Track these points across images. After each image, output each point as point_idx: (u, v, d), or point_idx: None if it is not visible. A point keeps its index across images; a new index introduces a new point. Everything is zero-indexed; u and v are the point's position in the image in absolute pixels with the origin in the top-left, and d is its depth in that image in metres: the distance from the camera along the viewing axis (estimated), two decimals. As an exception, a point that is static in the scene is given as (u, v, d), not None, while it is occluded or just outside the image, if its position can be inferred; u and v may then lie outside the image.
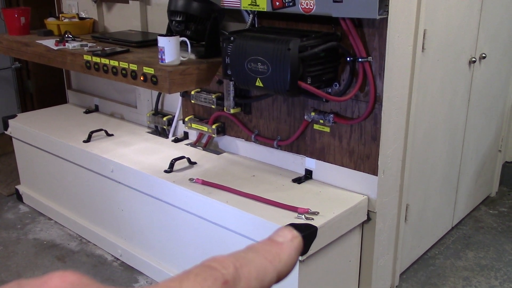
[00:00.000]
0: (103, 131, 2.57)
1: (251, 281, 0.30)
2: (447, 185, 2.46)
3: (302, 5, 1.71)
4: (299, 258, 1.66)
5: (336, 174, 1.97)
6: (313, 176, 2.05)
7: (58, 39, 2.43)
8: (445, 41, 2.08)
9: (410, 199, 2.13)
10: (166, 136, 2.54)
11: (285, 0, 1.75)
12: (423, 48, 1.91)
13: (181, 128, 2.50)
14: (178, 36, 1.97)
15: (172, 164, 2.13)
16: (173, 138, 2.51)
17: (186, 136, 2.51)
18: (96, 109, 3.01)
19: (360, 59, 1.75)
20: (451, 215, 2.59)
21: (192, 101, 2.32)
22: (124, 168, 2.22)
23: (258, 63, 1.71)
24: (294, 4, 1.73)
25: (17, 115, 2.94)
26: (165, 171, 2.12)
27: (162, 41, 1.94)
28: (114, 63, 2.08)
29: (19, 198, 3.00)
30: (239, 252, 0.32)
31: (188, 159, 2.19)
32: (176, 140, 2.48)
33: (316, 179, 2.05)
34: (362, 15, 1.63)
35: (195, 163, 2.20)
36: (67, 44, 2.37)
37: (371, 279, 2.00)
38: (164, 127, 2.54)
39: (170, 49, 1.94)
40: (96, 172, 2.38)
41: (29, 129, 2.73)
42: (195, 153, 2.32)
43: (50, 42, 2.44)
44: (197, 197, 1.93)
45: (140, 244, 2.32)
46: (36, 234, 2.66)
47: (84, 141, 2.48)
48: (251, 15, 1.98)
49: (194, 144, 2.43)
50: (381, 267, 2.04)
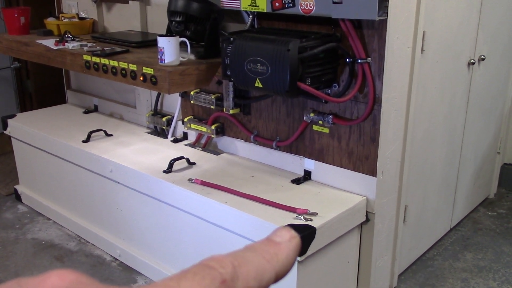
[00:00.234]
0: (102, 131, 2.57)
1: (249, 281, 0.31)
2: (445, 187, 2.46)
3: (302, 6, 1.71)
4: (298, 258, 1.66)
5: (335, 175, 1.98)
6: (312, 177, 2.05)
7: (58, 39, 2.43)
8: (444, 43, 2.08)
9: (408, 200, 2.13)
10: (165, 137, 2.54)
11: (284, 1, 1.75)
12: (422, 49, 1.91)
13: (180, 129, 2.50)
14: (177, 37, 1.97)
15: (171, 165, 2.13)
16: (172, 138, 2.51)
17: (185, 136, 2.51)
18: (95, 109, 3.01)
19: (359, 60, 1.75)
20: (450, 217, 2.60)
21: (192, 102, 2.32)
22: (123, 168, 2.22)
23: (258, 64, 1.71)
24: (293, 5, 1.73)
25: (16, 115, 2.94)
26: (164, 172, 2.12)
27: (162, 42, 1.94)
28: (114, 63, 2.08)
29: (18, 198, 2.99)
30: (237, 251, 0.32)
31: (187, 160, 2.19)
32: (175, 141, 2.49)
33: (315, 180, 2.05)
34: (361, 16, 1.63)
35: (194, 163, 2.21)
36: (66, 44, 2.38)
37: (369, 280, 2.01)
38: (163, 127, 2.55)
39: (169, 50, 1.94)
40: (95, 172, 2.38)
41: (28, 129, 2.72)
42: (194, 154, 2.32)
43: (49, 42, 2.44)
44: (196, 197, 1.93)
45: (139, 244, 2.32)
46: (35, 234, 2.66)
47: (83, 141, 2.48)
48: (251, 16, 1.99)
49: (193, 145, 2.43)
50: (379, 268, 2.05)
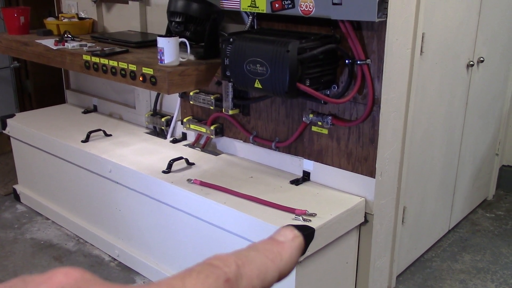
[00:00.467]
0: (101, 131, 2.57)
1: (253, 279, 0.31)
2: (444, 188, 2.46)
3: (301, 7, 1.72)
4: (297, 259, 1.66)
5: (334, 176, 1.98)
6: (311, 178, 2.06)
7: (58, 39, 2.43)
8: (443, 45, 2.09)
9: (407, 202, 2.14)
10: (165, 137, 2.54)
11: (284, 2, 1.75)
12: (421, 51, 1.92)
13: (180, 129, 2.50)
14: (177, 37, 1.97)
15: (170, 165, 2.13)
16: (171, 138, 2.51)
17: (184, 137, 2.51)
18: (94, 109, 3.01)
19: (358, 62, 1.75)
20: (448, 218, 2.60)
21: (191, 102, 2.32)
22: (122, 168, 2.22)
23: (257, 65, 1.72)
24: (293, 6, 1.74)
25: (15, 115, 2.94)
26: (163, 172, 2.12)
27: (162, 42, 1.94)
28: (113, 63, 2.08)
29: (17, 197, 2.99)
30: (241, 250, 0.32)
31: (186, 160, 2.19)
32: (175, 141, 2.49)
33: (313, 181, 2.05)
34: (361, 18, 1.64)
35: (193, 164, 2.21)
36: (66, 44, 2.37)
37: (368, 281, 2.01)
38: (163, 127, 2.55)
39: (169, 50, 1.94)
40: (94, 172, 2.38)
41: (27, 129, 2.72)
42: (193, 154, 2.32)
43: (49, 42, 2.44)
44: (195, 198, 1.94)
45: (138, 244, 2.32)
46: (34, 234, 2.66)
47: (82, 141, 2.48)
48: (251, 17, 1.99)
49: (192, 145, 2.43)
50: (378, 269, 2.05)
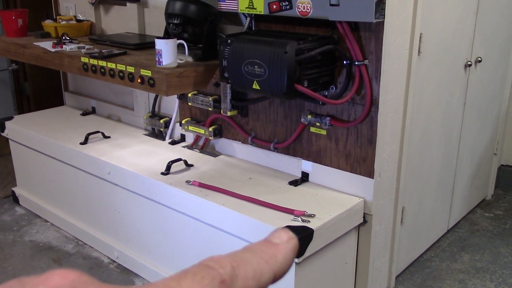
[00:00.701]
0: (100, 133, 2.57)
1: (248, 281, 0.31)
2: (443, 188, 2.47)
3: (299, 8, 1.72)
4: (295, 260, 1.66)
5: (333, 177, 1.98)
6: (309, 179, 2.06)
7: (56, 41, 2.43)
8: (441, 45, 2.09)
9: (406, 202, 2.14)
10: (163, 139, 2.54)
11: (282, 3, 1.76)
12: (419, 51, 1.92)
13: (178, 131, 2.50)
14: (175, 39, 1.97)
15: (169, 167, 2.13)
16: (170, 140, 2.51)
17: (183, 138, 2.51)
18: (93, 111, 3.01)
19: (356, 62, 1.75)
20: (447, 218, 2.60)
21: (189, 104, 2.32)
22: (120, 170, 2.22)
23: (255, 66, 1.72)
24: (291, 7, 1.74)
25: (13, 117, 2.94)
26: (162, 173, 2.12)
27: (160, 44, 1.94)
28: (112, 65, 2.08)
29: (16, 200, 2.99)
30: (236, 252, 0.33)
31: (185, 162, 2.19)
32: (173, 143, 2.49)
33: (312, 182, 2.05)
34: (358, 19, 1.64)
35: (192, 165, 2.21)
36: (64, 46, 2.38)
37: (367, 281, 2.01)
38: (161, 129, 2.55)
39: (167, 52, 1.94)
40: (93, 174, 2.38)
41: (25, 131, 2.72)
42: (192, 156, 2.32)
43: (47, 44, 2.44)
44: (194, 199, 1.94)
45: (137, 246, 2.32)
46: (32, 236, 2.66)
47: (81, 143, 2.48)
48: (248, 18, 1.99)
49: (191, 147, 2.43)
50: (377, 269, 2.05)
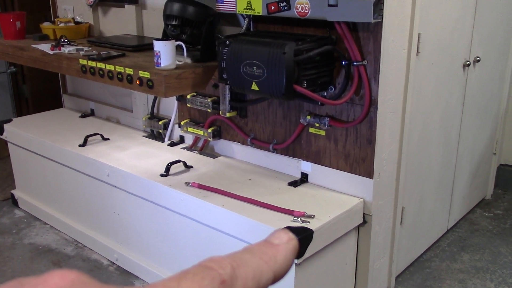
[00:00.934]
0: (99, 135, 2.57)
1: (247, 281, 0.31)
2: (442, 188, 2.47)
3: (297, 9, 1.72)
4: (295, 261, 1.66)
5: (332, 177, 1.98)
6: (309, 179, 2.06)
7: (54, 44, 2.43)
8: (439, 45, 2.09)
9: (405, 202, 2.14)
10: (162, 140, 2.54)
11: (280, 4, 1.76)
12: (417, 51, 1.92)
13: (177, 132, 2.50)
14: (173, 40, 1.97)
15: (168, 168, 2.13)
16: (169, 142, 2.51)
17: (182, 140, 2.51)
18: (91, 113, 3.01)
19: (355, 63, 1.75)
20: (447, 218, 2.60)
21: (188, 105, 2.32)
22: (120, 172, 2.22)
23: (254, 67, 1.72)
24: (289, 8, 1.74)
25: (12, 120, 2.93)
26: (161, 175, 2.12)
27: (158, 45, 1.94)
28: (110, 67, 2.08)
29: (15, 202, 2.99)
30: (236, 253, 0.32)
31: (184, 163, 2.19)
32: (172, 144, 2.49)
33: (312, 182, 2.05)
34: (357, 19, 1.64)
35: (191, 167, 2.21)
36: (62, 48, 2.37)
37: (367, 282, 2.01)
38: (160, 131, 2.55)
39: (165, 53, 1.94)
40: (92, 176, 2.38)
41: (24, 134, 2.72)
42: (191, 157, 2.32)
43: (45, 47, 2.44)
44: (193, 200, 1.93)
45: (136, 248, 2.32)
46: (32, 239, 2.65)
47: (79, 145, 2.47)
48: (247, 19, 1.99)
49: (190, 148, 2.43)
50: (377, 270, 2.05)
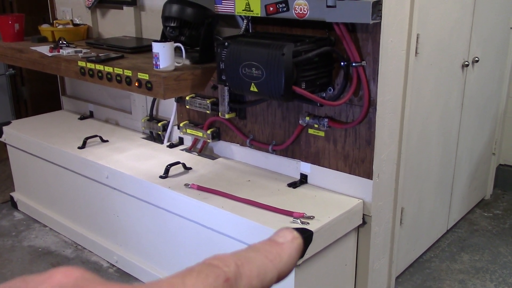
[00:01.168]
0: (98, 137, 2.56)
1: (252, 279, 0.31)
2: (441, 188, 2.47)
3: (296, 10, 1.72)
4: (295, 262, 1.66)
5: (331, 178, 1.98)
6: (308, 181, 2.06)
7: (52, 46, 2.43)
8: (438, 45, 2.10)
9: (405, 203, 2.14)
10: (161, 142, 2.54)
11: (278, 6, 1.76)
12: (416, 52, 1.92)
13: (176, 134, 2.50)
14: (172, 42, 1.98)
15: (167, 170, 2.13)
16: (168, 143, 2.51)
17: (181, 141, 2.51)
18: (90, 115, 3.01)
19: (354, 64, 1.76)
20: (446, 218, 2.60)
21: (187, 107, 2.32)
22: (119, 174, 2.22)
23: (253, 68, 1.72)
24: (288, 9, 1.74)
25: (11, 122, 2.93)
26: (160, 177, 2.12)
27: (157, 47, 1.94)
28: (109, 69, 2.08)
29: (14, 205, 2.98)
30: (240, 251, 0.32)
31: (183, 165, 2.19)
32: (171, 146, 2.48)
33: (311, 184, 2.05)
34: (355, 20, 1.64)
35: (190, 168, 2.20)
36: (61, 50, 2.37)
37: (367, 282, 2.01)
38: (159, 132, 2.54)
39: (164, 55, 1.94)
40: (91, 178, 2.38)
41: (23, 136, 2.72)
42: (190, 159, 2.32)
43: (44, 49, 2.44)
44: (193, 202, 1.93)
45: (136, 250, 2.31)
46: (31, 241, 2.65)
47: (79, 148, 2.47)
48: (245, 21, 1.99)
49: (189, 150, 2.43)
50: (376, 270, 2.05)
